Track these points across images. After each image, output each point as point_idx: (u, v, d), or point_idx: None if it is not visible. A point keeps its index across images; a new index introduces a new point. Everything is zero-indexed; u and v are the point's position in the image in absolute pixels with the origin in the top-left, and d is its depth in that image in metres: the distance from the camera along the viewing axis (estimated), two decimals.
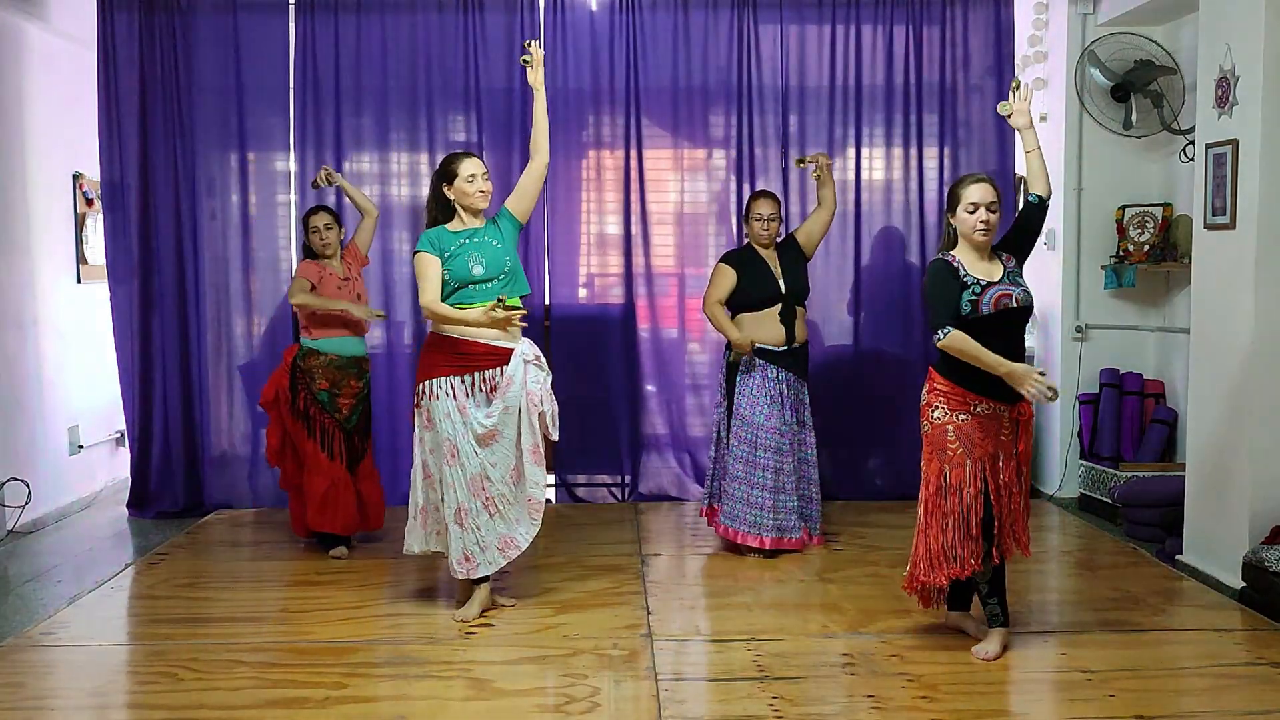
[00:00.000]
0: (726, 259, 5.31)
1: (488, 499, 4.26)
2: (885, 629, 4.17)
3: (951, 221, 3.86)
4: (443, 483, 4.27)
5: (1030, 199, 3.94)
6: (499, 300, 4.21)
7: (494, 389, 4.27)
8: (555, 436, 4.41)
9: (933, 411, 3.82)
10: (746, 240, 5.35)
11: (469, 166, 4.33)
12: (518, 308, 4.29)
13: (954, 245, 3.87)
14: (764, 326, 5.17)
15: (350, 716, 3.47)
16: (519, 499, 4.32)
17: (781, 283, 5.18)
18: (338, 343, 5.15)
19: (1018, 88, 3.95)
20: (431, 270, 4.28)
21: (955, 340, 3.67)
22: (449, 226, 4.37)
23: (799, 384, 5.22)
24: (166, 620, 4.37)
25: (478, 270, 4.25)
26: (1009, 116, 3.98)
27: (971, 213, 3.77)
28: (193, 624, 4.31)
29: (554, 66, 6.20)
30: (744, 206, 5.46)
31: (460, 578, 4.35)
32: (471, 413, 4.24)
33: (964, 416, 3.76)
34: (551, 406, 4.37)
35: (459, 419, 4.23)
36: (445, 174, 4.35)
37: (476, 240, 4.31)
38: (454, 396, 4.24)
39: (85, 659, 4.01)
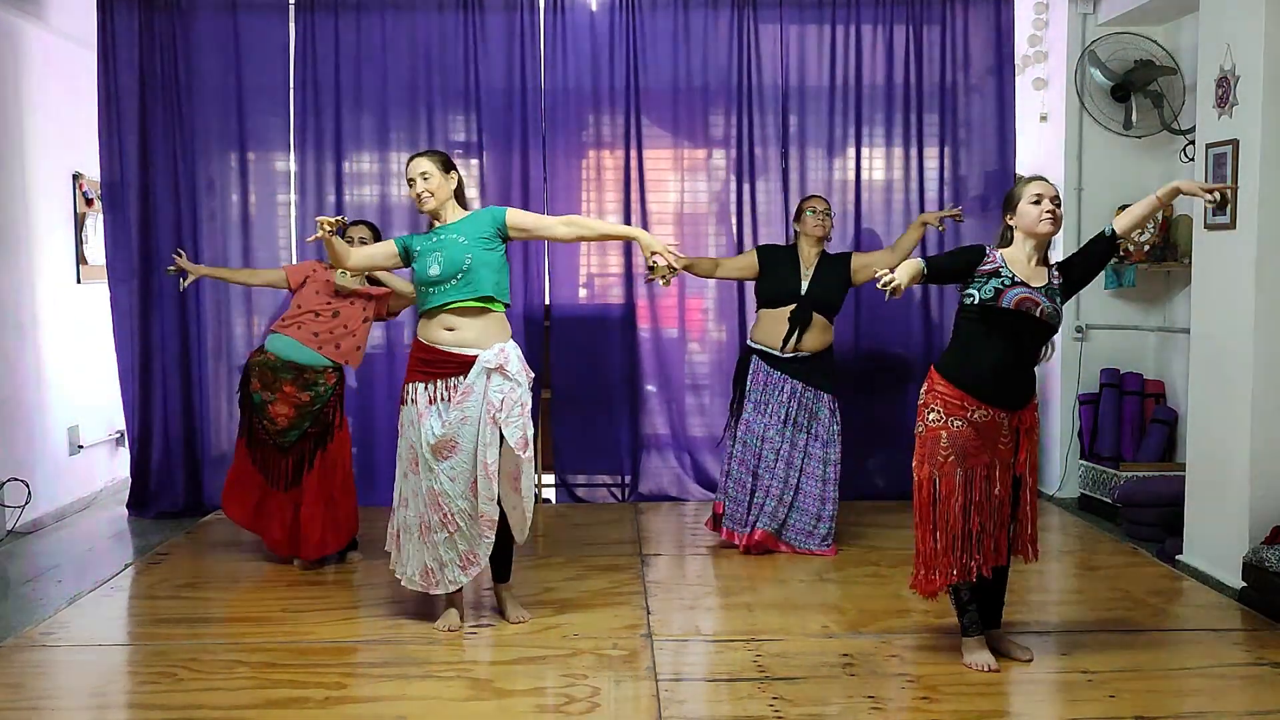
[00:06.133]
0: (761, 248, 5.39)
1: (445, 515, 4.05)
2: (885, 629, 4.17)
3: (1009, 222, 3.73)
4: (407, 489, 4.16)
5: (1105, 230, 3.78)
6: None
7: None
8: (524, 456, 4.08)
9: (928, 413, 3.68)
10: (794, 240, 5.35)
11: (410, 168, 4.14)
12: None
13: (1007, 246, 3.74)
14: (770, 325, 5.17)
15: (350, 716, 3.47)
16: (476, 514, 4.07)
17: (803, 284, 5.16)
18: (283, 342, 4.83)
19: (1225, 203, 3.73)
20: (380, 248, 4.31)
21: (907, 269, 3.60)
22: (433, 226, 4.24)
23: (808, 392, 5.16)
24: (166, 620, 4.36)
25: (434, 271, 4.05)
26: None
27: (1036, 203, 3.65)
28: (193, 624, 4.30)
29: (554, 66, 6.21)
30: (796, 209, 5.40)
31: (416, 590, 4.22)
32: (429, 421, 4.06)
33: (959, 423, 3.63)
34: (520, 421, 4.05)
35: (419, 425, 4.07)
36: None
37: (444, 238, 4.10)
38: (417, 403, 4.09)
39: (85, 659, 4.00)
